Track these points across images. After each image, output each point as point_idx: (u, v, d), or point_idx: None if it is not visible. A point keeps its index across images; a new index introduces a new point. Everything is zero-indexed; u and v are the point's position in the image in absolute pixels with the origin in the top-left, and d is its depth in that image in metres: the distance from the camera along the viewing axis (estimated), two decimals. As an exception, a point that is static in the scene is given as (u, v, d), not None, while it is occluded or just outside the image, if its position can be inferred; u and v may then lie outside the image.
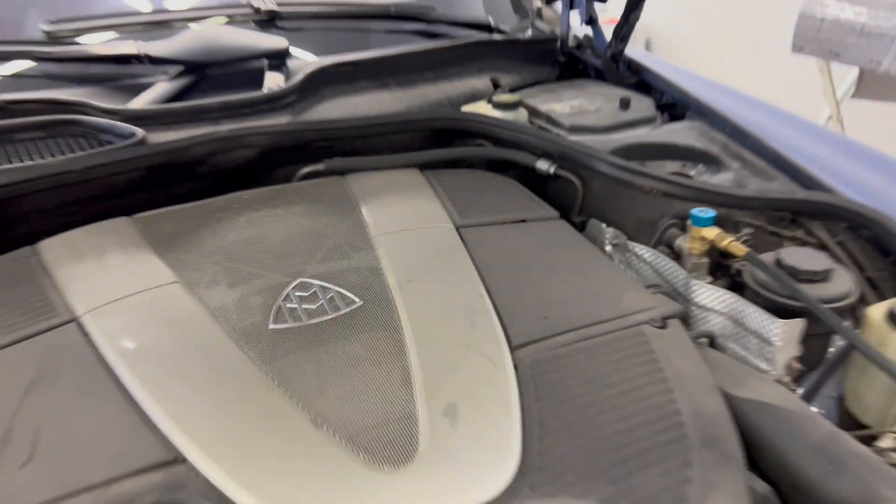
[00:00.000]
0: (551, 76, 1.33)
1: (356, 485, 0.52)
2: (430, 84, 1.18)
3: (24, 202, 0.80)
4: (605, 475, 0.54)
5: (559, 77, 1.35)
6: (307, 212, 0.82)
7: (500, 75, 1.26)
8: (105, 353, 0.61)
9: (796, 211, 0.83)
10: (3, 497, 0.51)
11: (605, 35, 1.28)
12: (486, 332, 0.66)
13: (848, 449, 0.58)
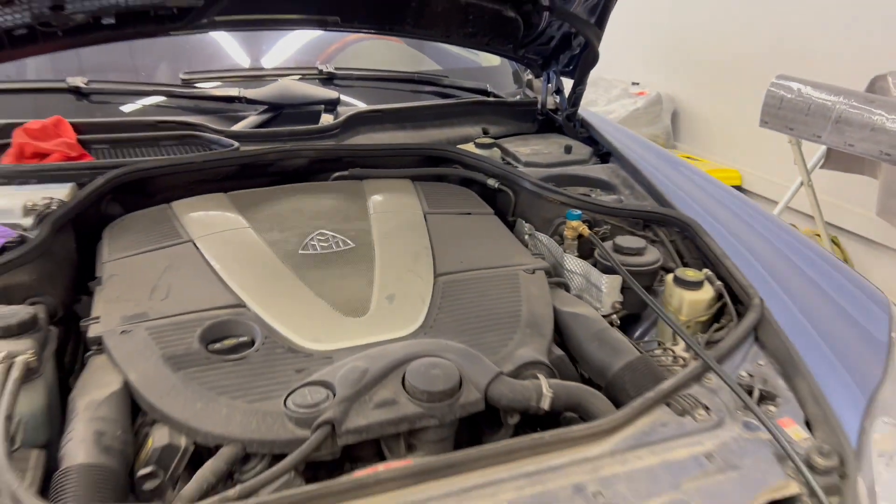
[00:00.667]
0: (531, 129, 1.79)
1: (336, 322, 0.98)
2: (436, 129, 1.66)
3: (165, 179, 1.31)
4: (466, 333, 0.98)
5: (539, 130, 1.81)
6: (333, 197, 1.31)
7: (489, 126, 1.74)
8: (206, 256, 1.10)
9: (646, 219, 1.27)
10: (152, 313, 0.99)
11: (573, 102, 1.75)
12: (424, 265, 1.12)
13: (613, 336, 1.02)
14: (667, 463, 0.79)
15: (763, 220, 1.31)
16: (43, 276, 1.04)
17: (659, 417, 0.85)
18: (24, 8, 1.27)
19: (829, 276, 1.13)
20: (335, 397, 0.83)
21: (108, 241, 1.16)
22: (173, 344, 0.92)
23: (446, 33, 1.60)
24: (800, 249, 1.21)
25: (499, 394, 0.87)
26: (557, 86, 1.73)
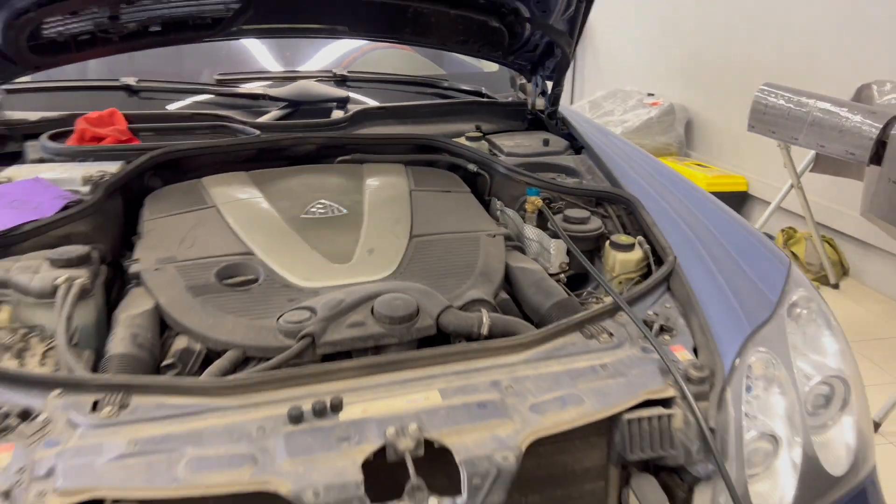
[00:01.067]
0: (521, 127, 2.01)
1: (324, 267, 1.22)
2: (433, 125, 1.90)
3: (197, 159, 1.57)
4: (428, 278, 1.21)
5: (529, 128, 2.03)
6: (335, 176, 1.55)
7: (483, 123, 1.96)
8: (225, 217, 1.35)
9: (596, 197, 1.48)
10: (179, 257, 1.24)
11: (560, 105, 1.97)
12: (402, 228, 1.35)
13: (549, 284, 1.23)
14: (569, 370, 1.01)
15: (696, 196, 1.51)
16: (96, 228, 1.30)
17: (570, 339, 1.07)
18: (88, 18, 1.56)
19: (743, 240, 1.33)
20: (316, 317, 1.07)
21: (149, 205, 1.42)
22: (194, 278, 1.17)
23: (441, 41, 1.85)
24: (722, 218, 1.42)
25: (447, 321, 1.09)
26: (543, 88, 1.95)
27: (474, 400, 0.94)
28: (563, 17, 1.73)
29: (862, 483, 1.11)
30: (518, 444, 0.89)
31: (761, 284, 1.22)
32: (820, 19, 3.27)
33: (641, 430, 0.98)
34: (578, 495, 1.02)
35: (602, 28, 5.51)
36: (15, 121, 1.67)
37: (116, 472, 0.82)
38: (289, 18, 1.69)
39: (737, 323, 1.13)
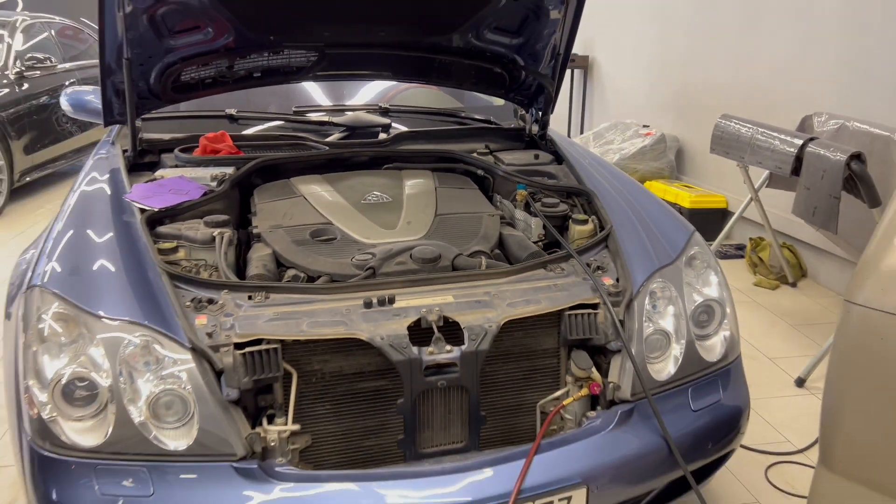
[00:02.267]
0: (519, 146, 2.63)
1: (378, 231, 1.85)
2: (453, 144, 2.52)
3: (287, 166, 2.21)
4: (447, 238, 1.82)
5: (526, 147, 2.65)
6: (383, 177, 2.19)
7: (491, 143, 2.59)
8: (310, 202, 1.99)
9: (566, 191, 2.10)
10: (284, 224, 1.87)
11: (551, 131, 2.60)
12: (430, 209, 1.98)
13: (528, 244, 1.85)
14: (533, 287, 1.62)
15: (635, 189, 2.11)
16: (226, 207, 1.95)
17: (536, 272, 1.68)
18: (213, 67, 2.23)
19: (663, 216, 1.93)
20: (375, 258, 1.70)
21: (258, 195, 2.06)
22: (296, 236, 1.81)
23: (458, 83, 2.50)
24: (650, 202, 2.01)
25: (459, 262, 1.71)
26: (536, 117, 2.58)
27: (473, 299, 1.56)
28: (548, 65, 2.38)
29: (728, 365, 1.70)
30: (499, 321, 1.50)
31: (670, 243, 1.82)
32: (778, 61, 3.88)
33: (578, 321, 1.58)
34: (540, 366, 1.62)
35: (606, 67, 6.18)
36: (154, 139, 2.34)
37: (267, 326, 1.44)
38: (350, 67, 2.36)
39: (649, 265, 1.73)
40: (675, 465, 1.54)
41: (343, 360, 1.48)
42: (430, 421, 1.50)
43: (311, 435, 1.48)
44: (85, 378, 1.37)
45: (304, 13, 2.12)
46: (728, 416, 1.64)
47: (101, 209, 1.82)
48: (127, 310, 1.45)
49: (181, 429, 1.37)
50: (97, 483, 1.30)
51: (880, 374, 1.24)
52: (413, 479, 1.37)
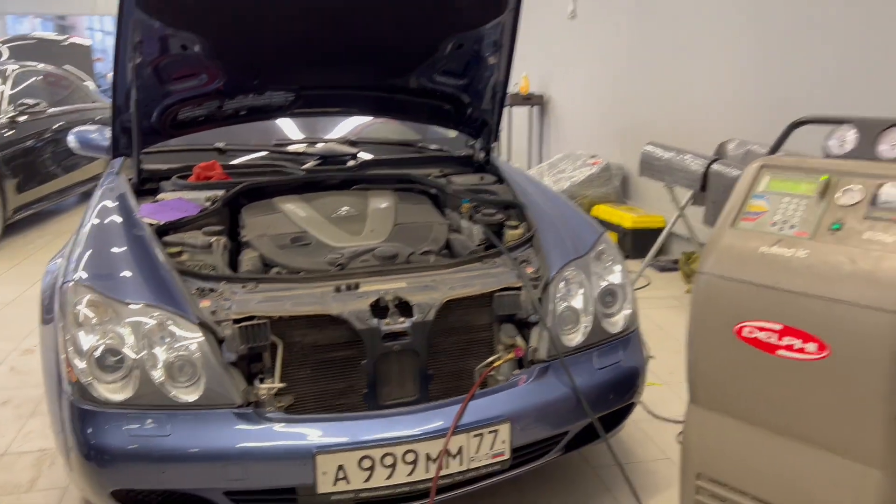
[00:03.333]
0: (469, 171, 3.07)
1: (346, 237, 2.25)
2: (412, 169, 2.96)
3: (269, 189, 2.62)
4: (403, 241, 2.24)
5: (475, 171, 3.09)
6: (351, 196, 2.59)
7: (444, 169, 3.03)
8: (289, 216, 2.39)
9: (502, 204, 2.53)
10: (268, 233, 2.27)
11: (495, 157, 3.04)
12: (389, 221, 2.39)
13: (469, 245, 2.27)
14: (469, 276, 2.03)
15: (558, 200, 2.55)
16: (218, 221, 2.34)
17: (473, 265, 2.10)
18: (205, 108, 2.65)
19: (579, 222, 2.37)
20: (344, 256, 2.10)
21: (245, 212, 2.45)
22: (278, 242, 2.21)
23: (415, 118, 2.95)
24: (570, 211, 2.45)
25: (411, 259, 2.12)
26: (482, 146, 3.03)
27: (422, 285, 1.97)
28: (489, 102, 2.84)
29: (628, 335, 2.12)
30: (442, 299, 1.90)
31: (582, 241, 2.25)
32: (702, 96, 4.40)
33: (505, 300, 1.99)
34: (477, 339, 2.02)
35: (560, 104, 6.72)
36: (153, 169, 2.73)
37: (258, 306, 1.83)
38: (322, 105, 2.80)
39: (564, 257, 2.16)
40: (584, 413, 1.94)
41: (319, 333, 1.88)
42: (388, 378, 1.89)
43: (293, 395, 1.87)
44: (115, 350, 1.75)
45: (284, 61, 2.56)
46: (626, 374, 2.06)
47: (116, 224, 2.20)
48: (146, 296, 1.83)
49: (192, 386, 1.75)
50: (126, 426, 1.68)
51: (718, 323, 1.66)
52: (372, 420, 1.76)
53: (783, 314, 1.55)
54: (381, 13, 2.41)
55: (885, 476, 1.47)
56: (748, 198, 1.71)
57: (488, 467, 1.81)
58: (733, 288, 1.63)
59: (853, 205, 1.55)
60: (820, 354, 1.50)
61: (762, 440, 1.65)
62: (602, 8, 5.73)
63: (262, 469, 1.68)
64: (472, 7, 2.46)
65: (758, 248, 1.62)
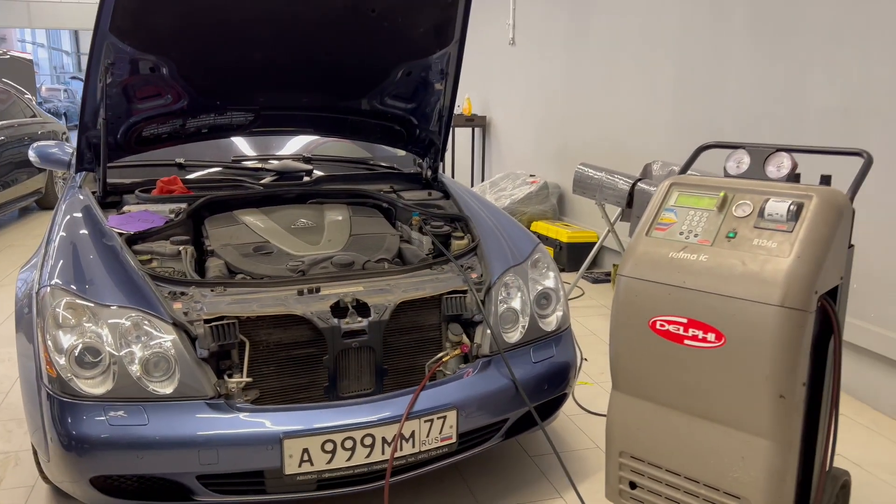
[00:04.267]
0: (418, 187, 3.31)
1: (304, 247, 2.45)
2: (364, 185, 3.18)
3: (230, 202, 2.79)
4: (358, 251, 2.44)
5: (423, 187, 3.32)
6: (308, 209, 2.79)
7: (395, 185, 3.25)
8: (251, 227, 2.57)
9: (448, 217, 2.77)
10: (232, 242, 2.45)
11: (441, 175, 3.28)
12: (345, 231, 2.60)
13: (419, 254, 2.49)
14: (420, 280, 2.25)
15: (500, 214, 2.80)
16: (184, 232, 2.50)
17: (423, 271, 2.32)
18: (169, 125, 2.81)
19: (517, 232, 2.62)
20: (304, 265, 2.29)
21: (208, 223, 2.62)
22: (242, 251, 2.38)
23: (367, 137, 3.17)
24: (509, 223, 2.70)
25: (366, 266, 2.33)
26: (430, 165, 3.26)
27: (377, 288, 2.17)
28: (436, 124, 3.08)
29: (560, 333, 2.38)
30: (396, 301, 2.12)
31: (520, 250, 2.50)
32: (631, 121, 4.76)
33: (452, 302, 2.22)
34: (428, 337, 2.24)
35: (501, 126, 7.04)
36: (116, 183, 2.87)
37: (227, 308, 2.01)
38: (280, 124, 2.98)
39: (504, 264, 2.40)
40: (522, 402, 2.18)
41: (283, 332, 2.06)
42: (347, 373, 2.08)
43: (259, 389, 2.04)
44: (93, 348, 1.89)
45: (245, 83, 2.74)
46: (559, 367, 2.31)
47: (84, 235, 2.33)
48: (121, 299, 1.98)
49: (167, 380, 1.90)
50: (106, 416, 1.82)
51: (634, 319, 1.93)
52: (333, 409, 1.95)
53: (688, 309, 1.83)
54: (337, 41, 2.63)
55: (772, 444, 1.75)
56: (660, 211, 1.99)
57: (438, 450, 2.02)
58: (647, 288, 1.90)
59: (745, 217, 1.84)
60: (718, 343, 1.78)
61: (673, 419, 1.91)
62: (538, 36, 6.08)
63: (232, 454, 1.85)
64: (422, 38, 2.70)
65: (668, 253, 1.89)
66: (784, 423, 1.73)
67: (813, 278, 1.69)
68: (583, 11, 5.32)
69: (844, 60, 3.09)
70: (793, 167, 1.91)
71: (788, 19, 3.38)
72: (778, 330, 1.68)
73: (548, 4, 5.89)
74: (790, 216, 1.76)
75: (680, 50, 4.22)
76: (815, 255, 1.70)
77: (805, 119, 3.32)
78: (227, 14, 2.38)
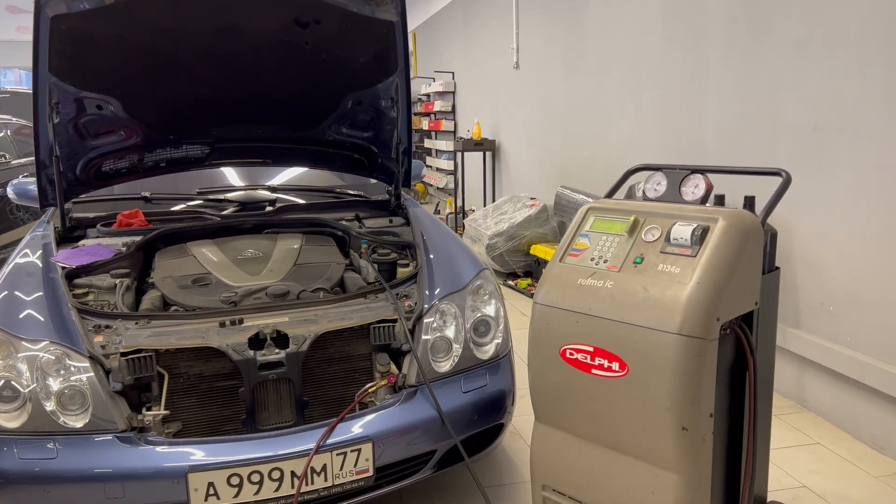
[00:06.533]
0: (385, 214, 3.30)
1: (245, 277, 2.46)
2: (329, 213, 3.18)
3: (183, 234, 2.83)
4: (299, 280, 2.44)
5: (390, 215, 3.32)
6: (262, 240, 2.81)
7: (361, 213, 3.25)
8: (198, 259, 2.60)
9: (399, 244, 2.75)
10: (174, 275, 2.48)
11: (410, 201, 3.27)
12: (290, 261, 2.60)
13: (359, 282, 2.48)
14: (350, 310, 2.23)
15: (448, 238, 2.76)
16: (130, 265, 2.54)
17: (357, 300, 2.30)
18: (127, 160, 2.88)
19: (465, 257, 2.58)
20: (238, 295, 2.30)
21: (158, 256, 2.66)
22: (180, 283, 2.40)
23: (328, 166, 3.18)
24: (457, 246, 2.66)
25: (301, 296, 2.32)
26: (395, 192, 3.26)
27: (303, 318, 2.16)
28: (395, 155, 3.08)
29: (497, 361, 2.32)
30: (318, 331, 2.10)
31: (461, 277, 2.46)
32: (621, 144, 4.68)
33: (380, 332, 2.19)
34: (358, 367, 2.21)
35: (508, 150, 7.01)
36: (81, 217, 2.94)
37: (145, 340, 2.02)
38: (237, 156, 3.03)
39: (441, 291, 2.37)
40: (449, 434, 2.12)
41: (203, 364, 2.06)
42: (266, 405, 2.07)
43: (180, 421, 2.04)
44: (11, 383, 1.93)
45: (196, 118, 2.79)
46: (492, 396, 2.25)
47: (34, 269, 2.39)
48: (44, 333, 2.02)
49: (81, 414, 1.92)
50: (16, 450, 1.85)
51: (547, 347, 1.87)
52: (246, 442, 1.94)
53: (595, 337, 1.76)
54: (280, 74, 2.66)
55: (680, 479, 1.66)
56: (575, 236, 1.94)
57: (353, 483, 1.99)
58: (558, 315, 1.84)
59: (653, 241, 1.77)
60: (622, 372, 1.71)
61: (588, 451, 1.84)
62: (540, 60, 6.06)
63: (139, 488, 1.85)
64: (364, 68, 2.71)
65: (577, 279, 1.83)
66: (690, 456, 1.64)
67: (713, 305, 1.61)
68: (577, 34, 5.29)
69: (813, 76, 2.98)
70: (707, 189, 1.84)
71: (758, 36, 3.28)
72: (677, 359, 1.61)
73: (547, 28, 5.88)
74: (694, 240, 1.69)
75: (662, 71, 4.14)
76: (716, 280, 1.62)
77: (779, 135, 3.20)
78: (165, 52, 2.43)
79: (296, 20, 2.39)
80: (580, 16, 5.22)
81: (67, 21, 2.20)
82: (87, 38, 2.29)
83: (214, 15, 2.32)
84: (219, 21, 2.35)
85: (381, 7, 2.46)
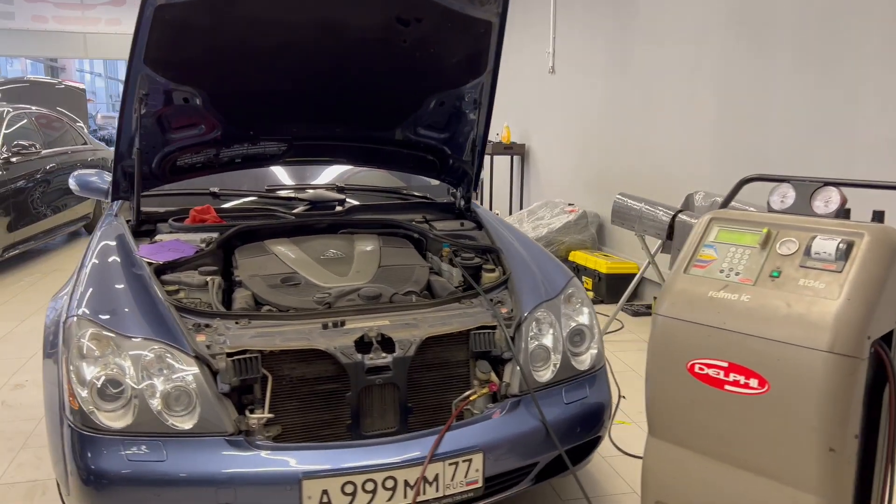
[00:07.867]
0: (451, 217, 3.25)
1: (333, 278, 2.41)
2: (397, 214, 3.14)
3: (261, 231, 2.78)
4: (387, 283, 2.39)
5: (455, 217, 3.27)
6: (339, 239, 2.75)
7: (427, 214, 3.20)
8: (280, 258, 2.54)
9: (481, 249, 2.70)
10: (260, 273, 2.42)
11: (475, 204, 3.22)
12: (374, 263, 2.55)
13: (448, 286, 2.43)
14: (448, 315, 2.18)
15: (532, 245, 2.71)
16: (213, 262, 2.49)
17: (452, 305, 2.25)
18: (203, 155, 2.82)
19: (550, 265, 2.54)
20: (331, 296, 2.25)
21: (238, 253, 2.60)
22: (269, 282, 2.35)
23: (400, 167, 3.14)
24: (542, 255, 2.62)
25: (394, 299, 2.28)
26: (463, 194, 3.21)
27: (403, 323, 2.12)
28: (469, 154, 3.03)
29: (595, 372, 2.28)
30: (422, 336, 2.05)
31: (553, 284, 2.42)
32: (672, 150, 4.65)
33: (481, 338, 2.15)
34: (455, 374, 2.17)
35: (539, 154, 6.98)
36: (150, 212, 2.89)
37: (250, 341, 1.97)
38: (313, 154, 2.98)
39: (536, 299, 2.32)
40: (553, 445, 2.08)
41: (306, 367, 2.01)
42: (371, 410, 2.02)
43: (281, 425, 1.99)
44: (115, 381, 1.87)
45: (277, 114, 2.74)
46: (592, 408, 2.21)
47: (116, 263, 2.34)
48: (145, 331, 1.97)
49: (187, 415, 1.87)
50: (124, 451, 1.79)
51: (672, 361, 1.82)
52: (355, 448, 1.89)
53: (729, 352, 1.72)
54: (369, 72, 2.61)
55: (821, 501, 1.62)
56: (699, 247, 1.89)
57: (463, 494, 1.94)
58: (685, 328, 1.80)
59: (790, 255, 1.73)
60: (761, 389, 1.67)
61: (712, 469, 1.79)
62: (578, 65, 6.03)
63: (251, 493, 1.80)
64: (455, 68, 2.67)
65: (707, 292, 1.79)
66: (834, 478, 1.60)
67: (865, 322, 1.57)
68: (622, 41, 5.25)
69: (898, 88, 2.95)
70: (842, 202, 1.80)
71: (835, 46, 3.25)
72: (826, 378, 1.57)
73: (588, 34, 5.84)
74: (839, 255, 1.65)
75: (722, 79, 4.11)
76: (866, 297, 1.58)
77: (855, 150, 3.17)
78: (259, 46, 2.38)
79: (398, 17, 2.35)
80: (626, 20, 5.19)
81: (171, 11, 2.15)
82: (185, 29, 2.25)
83: (317, 9, 2.27)
84: (320, 16, 2.30)
85: (484, 6, 2.42)
